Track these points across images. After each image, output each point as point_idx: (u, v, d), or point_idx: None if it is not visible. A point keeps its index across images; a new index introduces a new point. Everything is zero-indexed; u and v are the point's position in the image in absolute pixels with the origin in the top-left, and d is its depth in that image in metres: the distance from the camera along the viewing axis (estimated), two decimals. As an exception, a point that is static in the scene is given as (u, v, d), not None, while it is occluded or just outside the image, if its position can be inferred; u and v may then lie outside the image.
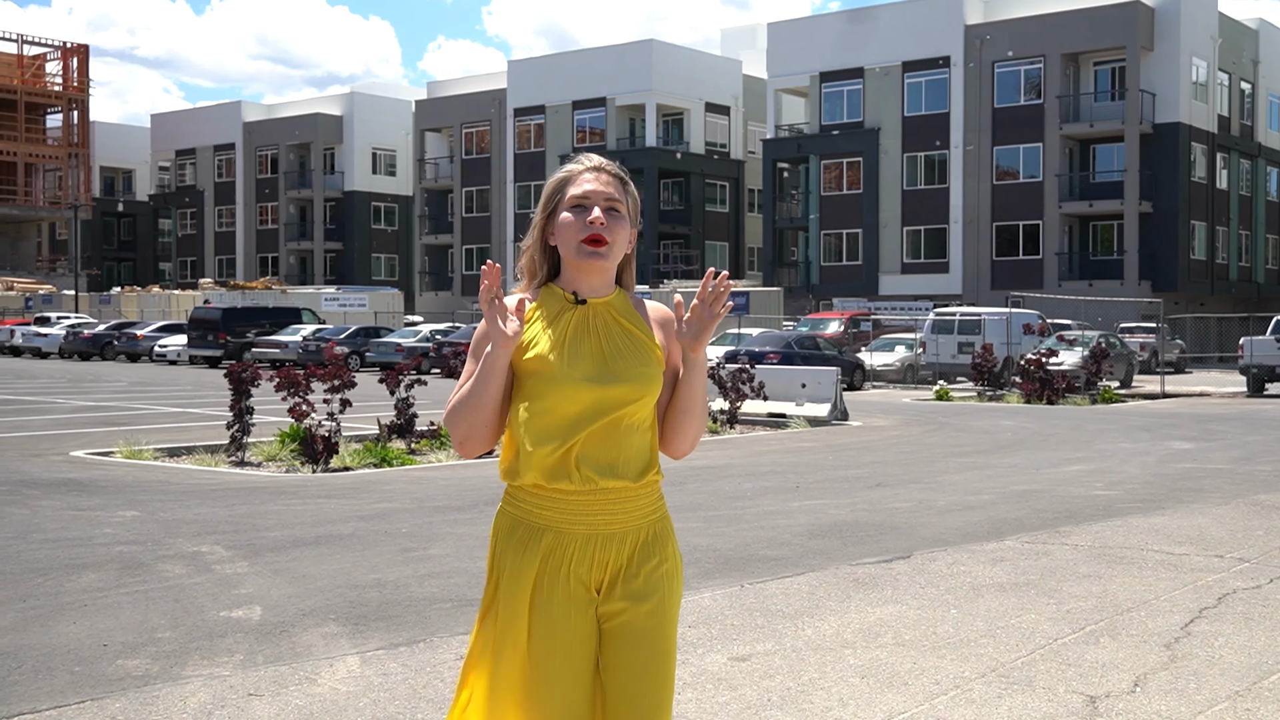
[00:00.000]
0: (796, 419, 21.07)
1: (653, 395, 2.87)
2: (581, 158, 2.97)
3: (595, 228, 2.84)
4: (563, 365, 2.79)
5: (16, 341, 50.21)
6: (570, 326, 2.85)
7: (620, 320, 2.90)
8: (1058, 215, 53.10)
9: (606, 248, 2.85)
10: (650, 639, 2.85)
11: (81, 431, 17.65)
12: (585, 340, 2.84)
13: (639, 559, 2.86)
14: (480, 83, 72.83)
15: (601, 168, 2.93)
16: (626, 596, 2.83)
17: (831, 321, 41.23)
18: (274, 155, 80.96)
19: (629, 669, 2.83)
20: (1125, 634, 6.34)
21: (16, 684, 5.27)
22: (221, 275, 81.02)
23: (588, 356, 2.82)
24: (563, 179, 2.94)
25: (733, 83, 67.38)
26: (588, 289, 2.90)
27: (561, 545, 2.81)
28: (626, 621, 2.83)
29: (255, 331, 42.39)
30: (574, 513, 2.81)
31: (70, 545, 8.56)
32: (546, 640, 2.78)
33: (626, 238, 2.91)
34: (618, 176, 2.93)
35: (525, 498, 2.85)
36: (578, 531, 2.81)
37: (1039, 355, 27.89)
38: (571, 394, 2.78)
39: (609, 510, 2.83)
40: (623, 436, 2.82)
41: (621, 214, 2.89)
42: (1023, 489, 12.03)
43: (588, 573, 2.82)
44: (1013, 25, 54.01)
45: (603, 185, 2.89)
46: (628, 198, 2.92)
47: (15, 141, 74.72)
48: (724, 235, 68.00)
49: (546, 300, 2.90)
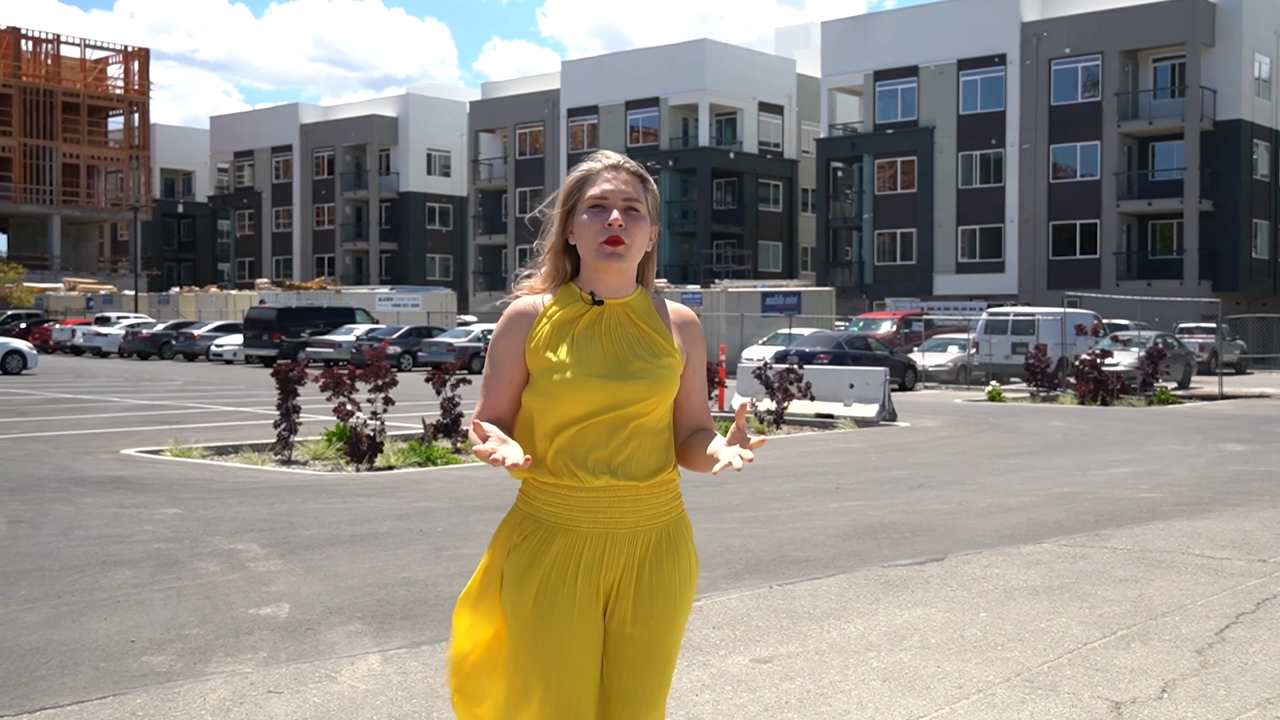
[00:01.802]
0: (844, 420, 20.95)
1: (666, 397, 2.86)
2: (599, 155, 2.94)
3: (614, 229, 2.82)
4: (575, 363, 2.79)
5: (78, 341, 50.99)
6: (584, 326, 2.84)
7: (637, 322, 2.89)
8: (1116, 214, 52.43)
9: (625, 248, 2.84)
10: (653, 643, 2.85)
11: (134, 430, 17.90)
12: (599, 340, 2.83)
13: (652, 561, 2.86)
14: (534, 83, 73.13)
15: (620, 166, 2.90)
16: (636, 601, 2.83)
17: (883, 322, 40.98)
18: (330, 157, 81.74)
19: (629, 668, 2.84)
20: (1157, 639, 6.23)
21: (43, 679, 5.34)
22: (278, 275, 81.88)
23: (600, 356, 2.81)
24: (581, 177, 2.91)
25: (786, 82, 67.14)
26: (607, 289, 2.89)
27: (572, 543, 2.81)
28: (633, 629, 2.83)
29: (310, 331, 42.78)
30: (584, 510, 2.80)
31: (110, 542, 8.67)
32: (550, 638, 2.77)
33: (646, 237, 2.89)
34: (637, 174, 2.91)
35: (536, 494, 2.85)
36: (588, 529, 2.81)
37: (1093, 355, 27.54)
38: (583, 392, 2.77)
39: (618, 508, 2.82)
40: (632, 436, 2.81)
41: (641, 213, 2.87)
42: (1066, 491, 11.88)
43: (598, 571, 2.82)
44: (1070, 22, 53.40)
45: (621, 184, 2.87)
46: (647, 196, 2.90)
47: (78, 144, 75.95)
48: (777, 235, 67.80)
49: (564, 299, 2.88)
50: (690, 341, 2.97)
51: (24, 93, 73.31)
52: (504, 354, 2.87)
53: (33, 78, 74.01)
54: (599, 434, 2.79)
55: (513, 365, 2.86)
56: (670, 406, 2.91)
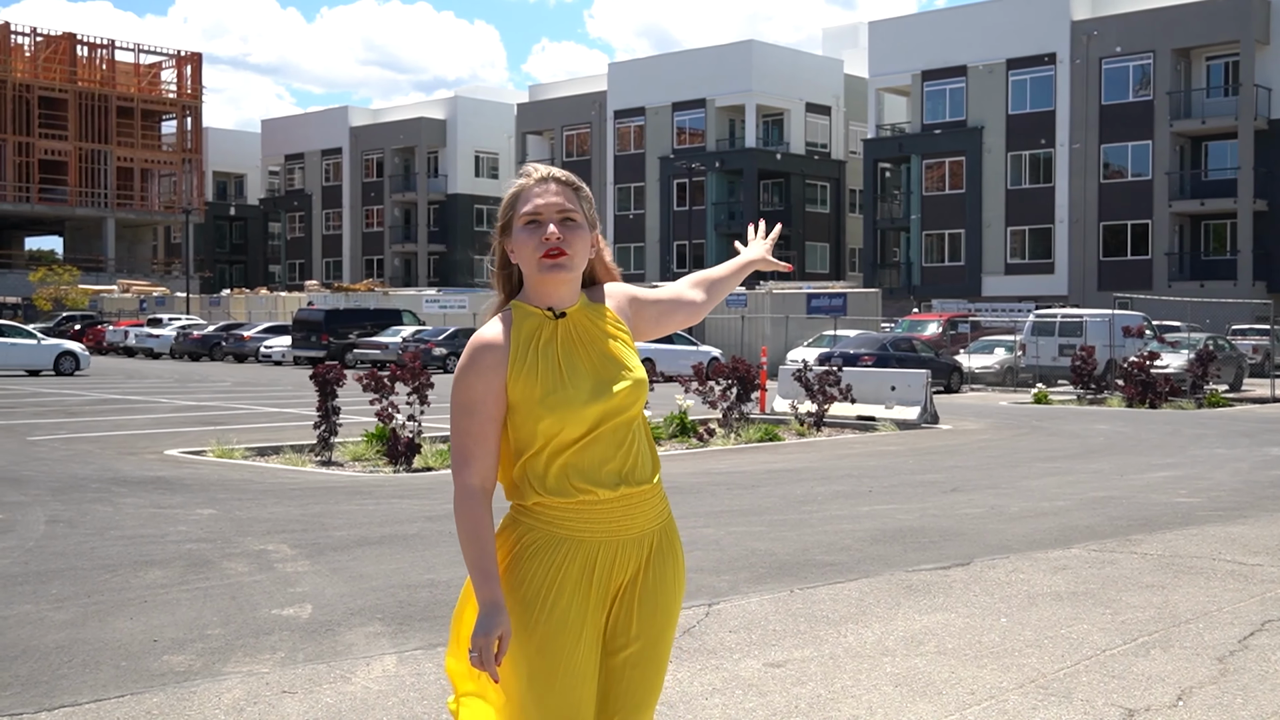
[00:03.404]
0: (885, 422, 20.86)
1: (645, 392, 2.89)
2: (529, 168, 2.93)
3: (552, 242, 2.81)
4: (566, 388, 2.77)
5: (130, 342, 51.69)
6: (559, 345, 2.83)
7: (599, 323, 2.90)
8: (1168, 214, 51.81)
9: (567, 259, 2.83)
10: (652, 643, 2.89)
11: (179, 430, 18.13)
12: (578, 355, 2.83)
13: (655, 562, 2.89)
14: (581, 85, 73.32)
15: (550, 178, 2.89)
16: (640, 602, 2.86)
17: (930, 323, 40.71)
18: (379, 159, 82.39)
19: (628, 669, 2.87)
20: (1178, 646, 6.18)
21: (64, 677, 5.44)
22: (328, 277, 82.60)
23: (586, 371, 2.81)
24: (514, 194, 2.91)
25: (834, 82, 66.90)
26: (558, 300, 2.88)
27: (587, 555, 2.80)
28: (635, 630, 2.86)
29: (357, 333, 43.10)
30: (598, 521, 2.81)
31: (144, 542, 8.80)
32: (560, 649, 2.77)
33: (587, 244, 2.89)
34: (569, 184, 2.90)
35: (544, 511, 2.81)
36: (602, 539, 2.81)
37: (1142, 357, 27.22)
38: (579, 414, 2.77)
39: (629, 515, 2.84)
40: (633, 440, 2.84)
41: (578, 222, 2.87)
42: (1101, 495, 11.77)
43: (608, 579, 2.83)
44: (1121, 20, 52.83)
45: (553, 197, 2.85)
46: (582, 203, 2.90)
47: (132, 148, 77.02)
48: (824, 236, 67.54)
49: (523, 323, 2.85)
50: (635, 311, 3.02)
51: (79, 97, 74.45)
52: (483, 395, 2.78)
53: (88, 83, 75.13)
54: (606, 447, 2.79)
55: (495, 404, 2.79)
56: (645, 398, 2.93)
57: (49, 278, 65.28)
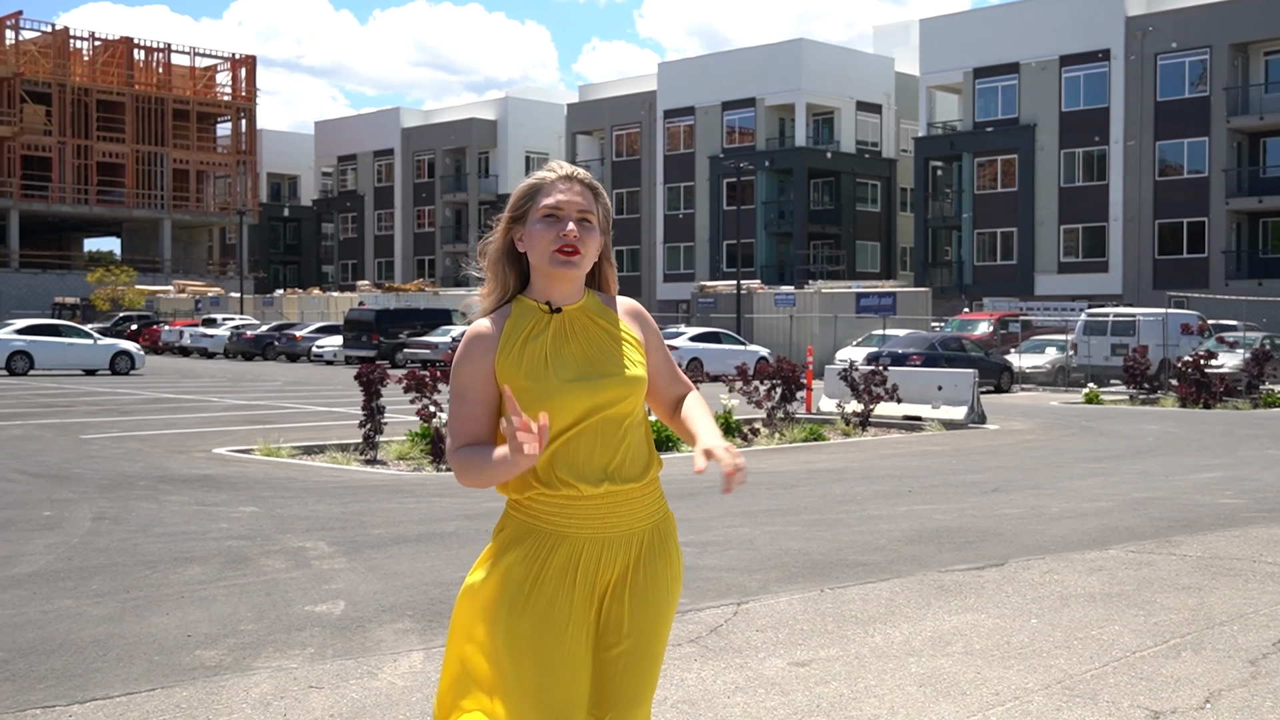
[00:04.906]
0: (932, 422, 20.74)
1: (642, 388, 2.89)
2: (553, 165, 2.98)
3: (569, 239, 2.85)
4: (550, 375, 2.81)
5: (185, 342, 52.39)
6: (550, 336, 2.86)
7: (598, 321, 2.93)
8: (1224, 212, 51.12)
9: (579, 258, 2.88)
10: (643, 643, 2.90)
11: (228, 429, 18.35)
12: (567, 346, 2.86)
13: (645, 560, 2.90)
14: (630, 85, 73.42)
15: (574, 177, 2.94)
16: (630, 601, 2.87)
17: (980, 322, 40.41)
18: (431, 160, 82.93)
19: (619, 668, 2.88)
20: (1210, 648, 6.11)
21: (98, 670, 5.54)
22: (380, 277, 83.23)
23: (572, 361, 2.84)
24: (533, 186, 2.94)
25: (885, 80, 66.56)
26: (559, 296, 2.92)
27: (571, 551, 2.83)
28: (625, 629, 2.87)
29: (407, 332, 43.43)
30: (583, 517, 2.83)
31: (185, 539, 8.93)
32: (547, 645, 2.79)
33: (597, 246, 2.93)
34: (590, 186, 2.94)
35: (531, 506, 2.86)
36: (587, 535, 2.84)
37: (1196, 356, 26.87)
38: (565, 403, 2.79)
39: (616, 512, 2.85)
40: (622, 438, 2.85)
41: (592, 224, 2.91)
42: (1144, 496, 11.65)
43: (594, 576, 2.85)
44: (1177, 15, 52.18)
45: (575, 195, 2.90)
46: (599, 207, 2.94)
47: (188, 150, 78.00)
48: (875, 235, 67.22)
49: (521, 315, 2.90)
50: (646, 329, 3.02)
51: (136, 100, 75.49)
52: (471, 380, 2.85)
53: (144, 86, 76.17)
54: (592, 440, 2.82)
55: (484, 388, 2.85)
56: (643, 399, 2.94)
57: (106, 278, 66.27)
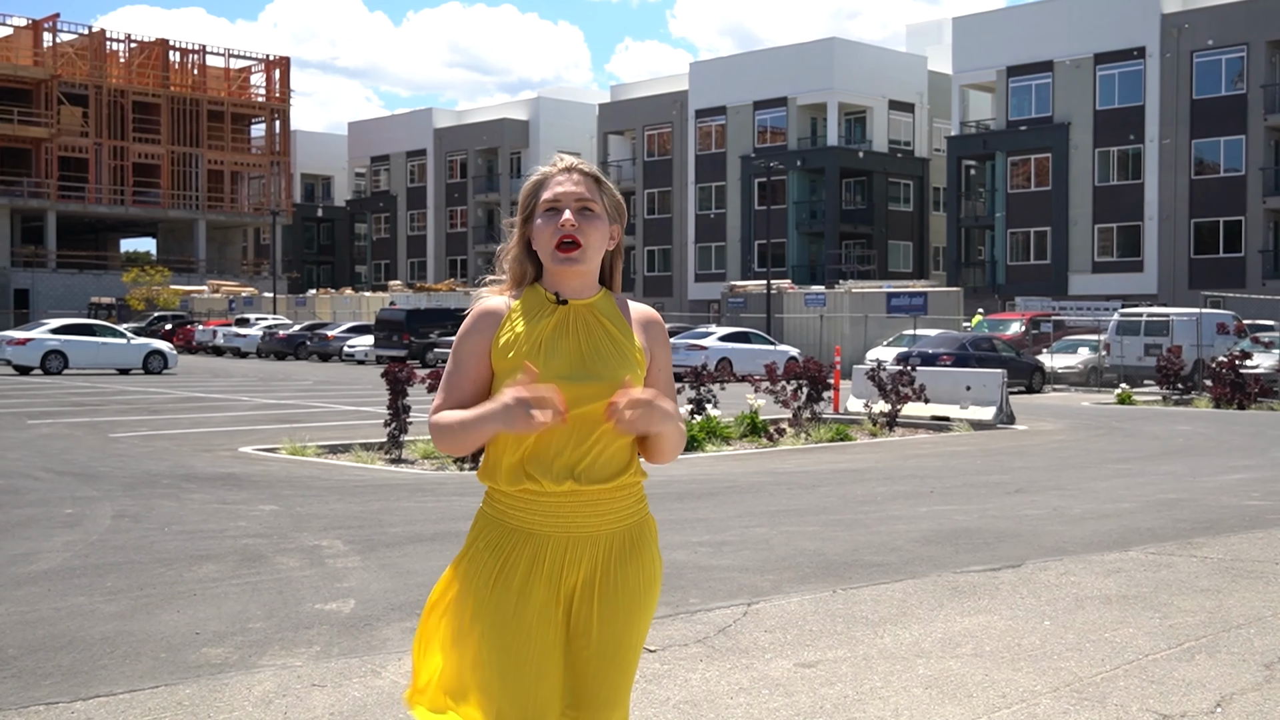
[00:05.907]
0: (960, 422, 20.61)
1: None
2: (555, 158, 2.97)
3: (566, 229, 2.83)
4: (542, 363, 2.78)
5: (218, 342, 52.74)
6: (549, 326, 2.85)
7: (603, 320, 2.90)
8: (1261, 210, 50.57)
9: (580, 251, 2.85)
10: (614, 646, 2.87)
11: (256, 428, 18.44)
12: (564, 339, 2.84)
13: (616, 563, 2.86)
14: (662, 85, 73.37)
15: (573, 168, 2.92)
16: (599, 603, 2.85)
17: (1012, 322, 40.14)
18: (463, 160, 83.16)
19: (590, 671, 2.86)
20: (1225, 652, 6.03)
21: (105, 667, 5.56)
22: (413, 278, 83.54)
23: (565, 355, 2.82)
24: (536, 182, 2.93)
25: (917, 79, 66.24)
26: (569, 290, 2.90)
27: (535, 548, 2.82)
28: (594, 632, 2.85)
29: (438, 332, 43.52)
30: (546, 514, 2.82)
31: (202, 537, 8.97)
32: (512, 643, 2.79)
33: (604, 236, 2.90)
34: (590, 175, 2.92)
35: (501, 498, 2.87)
36: (550, 533, 2.82)
37: (1231, 357, 26.58)
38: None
39: (580, 512, 2.83)
40: (597, 439, 2.81)
41: (596, 213, 2.88)
42: (1169, 497, 11.53)
43: (560, 575, 2.83)
44: (1213, 13, 51.67)
45: (574, 186, 2.88)
46: (603, 196, 2.91)
47: (222, 151, 78.52)
48: (907, 234, 66.91)
49: (529, 300, 2.90)
50: (654, 340, 2.97)
51: (171, 102, 76.05)
52: (469, 352, 2.87)
53: (179, 87, 76.73)
54: (563, 438, 2.79)
55: (478, 364, 2.86)
56: None
57: (141, 278, 66.80)
